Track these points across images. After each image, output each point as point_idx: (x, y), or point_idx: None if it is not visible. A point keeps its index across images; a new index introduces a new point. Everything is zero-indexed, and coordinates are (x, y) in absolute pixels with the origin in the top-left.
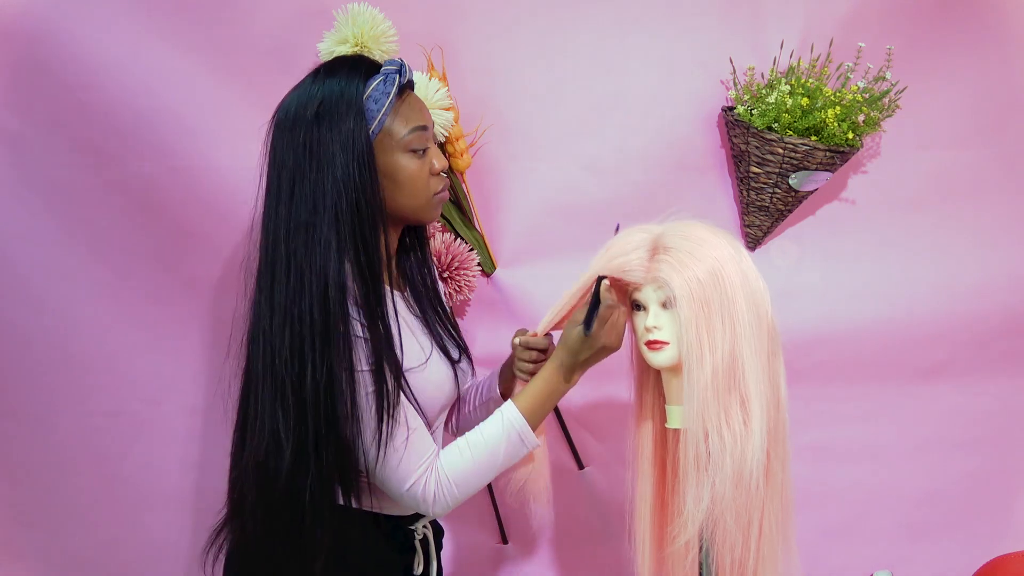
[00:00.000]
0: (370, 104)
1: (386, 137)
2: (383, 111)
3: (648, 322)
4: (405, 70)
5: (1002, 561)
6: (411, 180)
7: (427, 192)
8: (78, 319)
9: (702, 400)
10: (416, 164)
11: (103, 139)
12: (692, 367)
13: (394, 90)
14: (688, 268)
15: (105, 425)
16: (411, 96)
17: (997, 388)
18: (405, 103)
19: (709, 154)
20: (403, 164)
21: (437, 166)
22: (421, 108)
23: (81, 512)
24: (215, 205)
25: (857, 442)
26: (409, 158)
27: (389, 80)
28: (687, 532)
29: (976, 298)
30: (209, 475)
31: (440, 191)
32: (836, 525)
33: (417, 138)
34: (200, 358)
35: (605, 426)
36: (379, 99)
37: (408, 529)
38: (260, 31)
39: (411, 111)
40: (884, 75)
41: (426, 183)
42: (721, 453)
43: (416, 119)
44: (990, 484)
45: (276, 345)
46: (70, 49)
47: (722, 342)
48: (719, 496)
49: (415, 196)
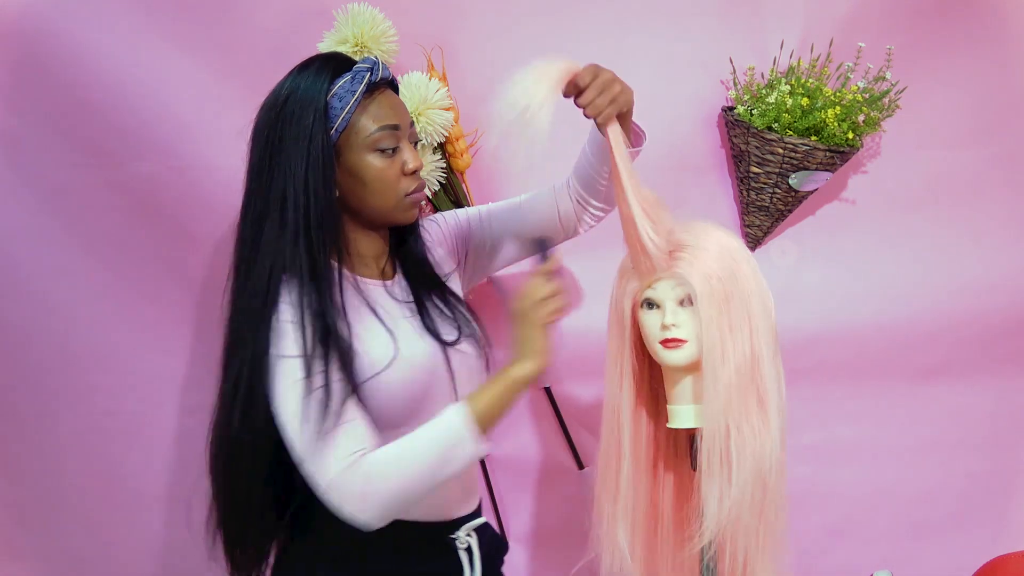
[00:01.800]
0: (334, 102)
1: (352, 135)
2: (347, 109)
3: (666, 320)
4: (377, 68)
5: (1002, 561)
6: (378, 179)
7: (396, 192)
8: (78, 319)
9: (726, 398)
10: (383, 163)
11: (103, 139)
12: (715, 365)
13: (361, 87)
14: (707, 265)
15: (105, 425)
16: (384, 94)
17: (997, 388)
18: (375, 101)
19: (709, 154)
20: (369, 163)
21: (410, 165)
22: (394, 106)
23: (81, 512)
24: (215, 205)
25: (857, 442)
26: (376, 157)
27: (357, 78)
28: (709, 533)
29: (976, 298)
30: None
31: (412, 192)
32: (836, 525)
33: (385, 136)
34: (200, 358)
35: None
36: (344, 96)
37: (448, 538)
38: (260, 31)
39: (380, 109)
40: (884, 75)
41: (394, 183)
42: (742, 451)
43: (386, 117)
44: (990, 484)
45: (228, 330)
46: (70, 49)
47: (742, 340)
48: (741, 495)
49: (383, 195)
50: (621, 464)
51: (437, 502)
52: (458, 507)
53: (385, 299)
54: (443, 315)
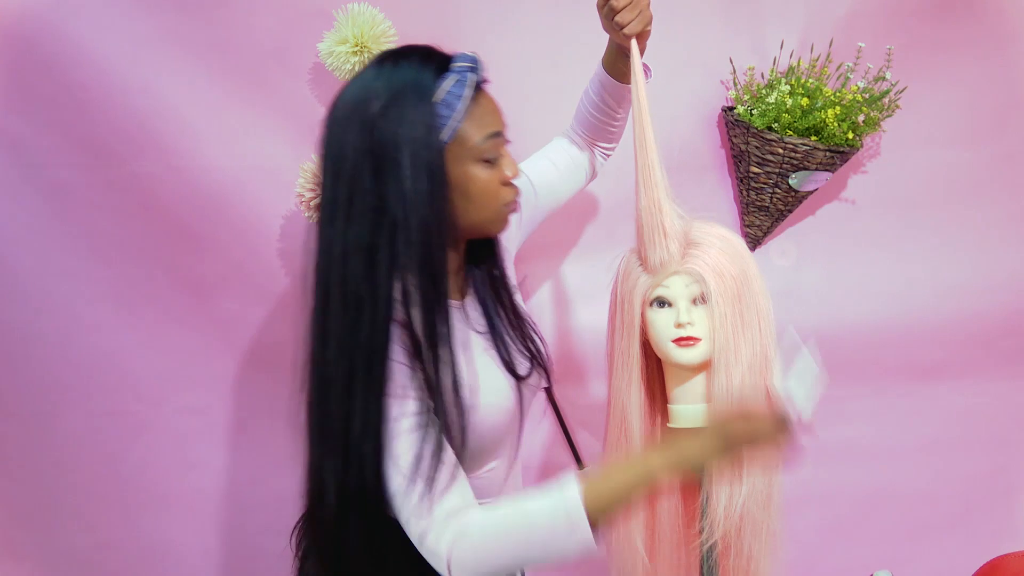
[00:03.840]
0: (443, 109)
1: (458, 146)
2: (456, 117)
3: (681, 318)
4: (479, 66)
5: (1002, 561)
6: (483, 193)
7: (497, 203)
8: (78, 319)
9: (739, 396)
10: (488, 174)
11: (103, 139)
12: (728, 363)
13: (470, 92)
14: (720, 262)
15: (105, 425)
16: (485, 96)
17: (997, 388)
18: (479, 106)
19: (709, 154)
20: (475, 175)
21: (509, 174)
22: (495, 110)
23: (81, 512)
24: (215, 205)
25: (857, 442)
26: (481, 168)
27: (463, 80)
28: (718, 532)
29: (976, 298)
30: (209, 475)
31: (510, 202)
32: (836, 525)
33: (492, 146)
34: (200, 358)
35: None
36: (452, 103)
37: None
38: (260, 31)
39: (486, 115)
40: (884, 75)
41: (496, 194)
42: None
43: (491, 124)
44: (990, 484)
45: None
46: (70, 49)
47: (752, 337)
48: (750, 493)
49: (485, 208)
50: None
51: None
52: None
53: (462, 325)
54: (515, 341)
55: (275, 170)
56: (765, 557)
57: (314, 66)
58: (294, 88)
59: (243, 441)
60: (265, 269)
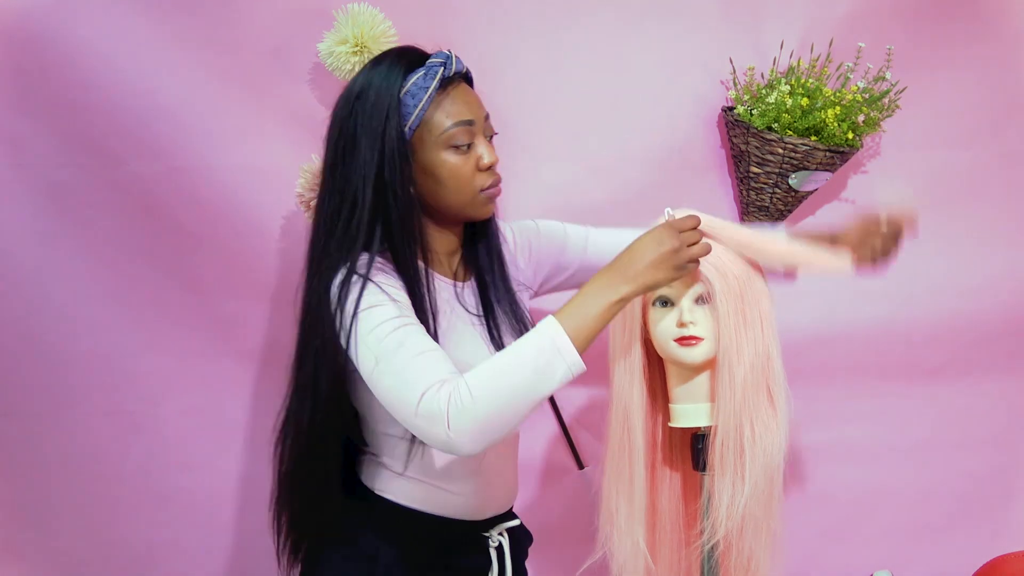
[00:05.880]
0: (407, 99)
1: (425, 132)
2: (420, 106)
3: (684, 317)
4: (451, 62)
5: (1002, 561)
6: (452, 176)
7: (471, 188)
8: (78, 319)
9: (742, 395)
10: (458, 159)
11: (103, 139)
12: (732, 362)
13: (435, 83)
14: (724, 262)
15: (104, 425)
16: (458, 89)
17: (997, 388)
18: (448, 96)
19: (709, 154)
20: (444, 160)
21: (485, 161)
22: (468, 101)
23: (81, 512)
24: (215, 205)
25: (857, 442)
26: (450, 153)
27: (430, 73)
28: (720, 531)
29: (976, 298)
30: (208, 475)
31: (488, 187)
32: (836, 525)
33: (459, 133)
34: (200, 358)
35: (605, 426)
36: (417, 93)
37: (481, 536)
38: (260, 31)
39: (454, 105)
40: (884, 75)
41: (469, 179)
42: (755, 448)
43: (459, 113)
44: (990, 484)
45: (303, 326)
46: (71, 50)
47: (755, 336)
48: (753, 491)
49: (459, 192)
50: (634, 464)
51: (476, 501)
52: (495, 506)
53: (453, 301)
54: (510, 327)
55: (275, 170)
56: (765, 557)
57: (314, 66)
58: (294, 88)
59: (243, 441)
60: (265, 269)
